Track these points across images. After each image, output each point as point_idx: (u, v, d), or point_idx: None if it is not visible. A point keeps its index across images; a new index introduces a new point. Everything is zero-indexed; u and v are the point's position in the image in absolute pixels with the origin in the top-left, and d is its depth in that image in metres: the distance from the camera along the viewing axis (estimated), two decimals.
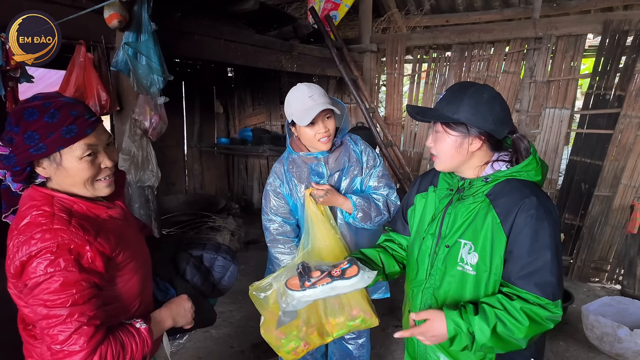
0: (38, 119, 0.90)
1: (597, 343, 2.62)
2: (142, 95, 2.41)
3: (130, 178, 2.47)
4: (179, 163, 5.73)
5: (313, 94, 1.57)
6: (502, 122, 1.08)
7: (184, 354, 2.69)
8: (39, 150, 0.91)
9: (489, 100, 1.07)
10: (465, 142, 1.08)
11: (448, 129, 1.09)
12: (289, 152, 1.74)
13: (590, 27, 3.71)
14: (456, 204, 1.14)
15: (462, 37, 4.25)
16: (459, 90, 1.09)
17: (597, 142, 3.71)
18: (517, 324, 1.00)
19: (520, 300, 1.01)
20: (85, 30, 2.26)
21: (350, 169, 1.69)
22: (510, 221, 1.04)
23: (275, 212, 1.72)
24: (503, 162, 1.12)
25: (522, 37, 4.00)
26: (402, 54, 4.58)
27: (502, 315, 1.01)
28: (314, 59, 4.00)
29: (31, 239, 0.88)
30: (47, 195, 0.96)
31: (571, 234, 3.86)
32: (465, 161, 1.12)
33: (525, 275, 1.02)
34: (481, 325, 1.01)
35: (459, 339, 1.02)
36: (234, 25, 3.34)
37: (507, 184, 1.08)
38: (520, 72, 4.07)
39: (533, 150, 1.11)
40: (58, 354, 0.88)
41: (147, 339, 1.00)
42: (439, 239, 1.17)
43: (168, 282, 1.20)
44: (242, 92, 5.97)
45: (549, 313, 1.01)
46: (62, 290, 0.87)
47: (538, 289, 1.01)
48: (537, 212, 1.02)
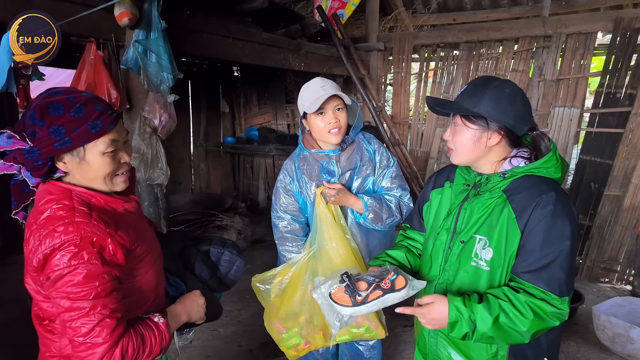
0: (64, 114, 0.91)
1: (608, 344, 2.60)
2: (151, 93, 2.42)
3: (139, 176, 2.48)
4: (186, 162, 5.75)
5: (325, 84, 1.57)
6: (522, 118, 1.07)
7: (193, 352, 2.69)
8: (64, 145, 0.92)
9: (510, 95, 1.05)
10: (484, 136, 1.07)
11: (467, 122, 1.08)
12: (300, 149, 1.73)
13: (600, 25, 3.68)
14: (472, 199, 1.13)
15: (470, 36, 4.23)
16: (481, 84, 1.08)
17: (607, 141, 3.67)
18: (521, 316, 0.99)
19: (526, 294, 1.01)
20: (96, 28, 2.26)
21: (363, 168, 1.67)
22: (526, 217, 1.03)
23: (285, 209, 1.71)
24: (521, 159, 1.10)
25: (531, 36, 3.97)
26: (409, 52, 4.56)
27: (506, 306, 1.00)
28: (321, 58, 4.00)
29: (54, 232, 0.88)
30: (65, 189, 0.96)
31: (580, 233, 3.82)
32: (482, 156, 1.10)
33: (533, 270, 1.01)
34: (483, 314, 1.00)
35: (459, 326, 1.01)
36: (242, 23, 3.34)
37: (525, 180, 1.07)
38: (529, 71, 4.04)
39: (553, 147, 1.10)
40: (81, 346, 0.89)
41: (165, 333, 1.01)
42: (454, 234, 1.16)
43: (178, 277, 1.21)
44: (248, 91, 5.97)
45: (554, 309, 1.00)
46: (85, 282, 0.88)
47: (544, 283, 1.00)
48: (554, 208, 1.01)
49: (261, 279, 1.57)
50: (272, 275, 1.62)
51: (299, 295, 1.58)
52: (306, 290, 1.57)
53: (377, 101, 4.37)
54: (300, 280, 1.60)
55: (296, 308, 1.57)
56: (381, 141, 3.92)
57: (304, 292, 1.58)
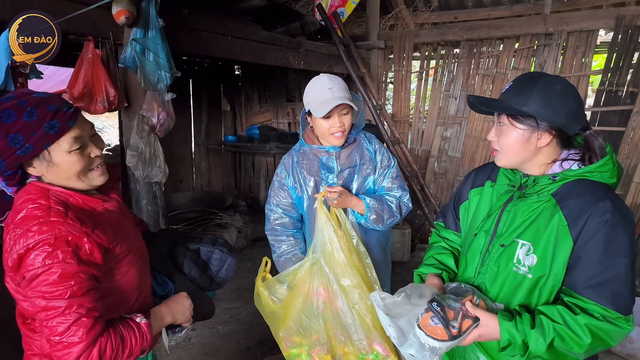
0: (17, 120, 0.88)
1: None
2: (149, 91, 2.42)
3: (137, 174, 2.48)
4: (187, 160, 5.76)
5: (333, 86, 1.54)
6: (575, 116, 0.99)
7: (191, 350, 2.70)
8: (26, 152, 0.90)
9: (562, 92, 0.98)
10: (533, 136, 1.00)
11: (515, 121, 1.01)
12: (300, 144, 1.72)
13: (602, 23, 3.65)
14: (517, 201, 1.06)
15: (471, 34, 4.21)
16: (528, 81, 1.01)
17: (609, 140, 3.62)
18: (578, 339, 0.92)
19: (585, 315, 0.93)
20: (94, 27, 2.27)
21: (363, 167, 1.65)
22: (579, 225, 0.95)
23: (277, 203, 1.73)
24: (573, 161, 1.02)
25: (532, 33, 3.94)
26: (410, 50, 4.54)
27: (562, 330, 0.93)
28: (321, 56, 3.99)
29: (28, 232, 0.87)
30: (42, 188, 0.96)
31: None
32: (531, 157, 1.03)
33: (594, 284, 0.93)
34: (537, 339, 0.94)
35: (511, 349, 0.97)
36: (241, 21, 3.34)
37: (578, 184, 0.99)
38: (530, 69, 4.02)
39: (610, 150, 1.02)
40: (57, 346, 0.88)
41: (146, 334, 1.00)
42: (494, 237, 1.09)
43: (166, 276, 1.21)
44: (249, 90, 5.98)
45: (618, 329, 0.92)
46: (61, 282, 0.87)
47: (608, 301, 0.92)
48: (613, 217, 0.93)
49: (267, 285, 1.51)
50: (279, 281, 1.55)
51: (306, 307, 1.49)
52: (312, 303, 1.48)
53: (377, 100, 4.36)
54: (305, 290, 1.51)
55: (304, 321, 1.49)
56: (381, 140, 3.92)
57: (311, 305, 1.49)
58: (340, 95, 1.52)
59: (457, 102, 4.37)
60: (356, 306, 1.42)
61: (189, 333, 2.89)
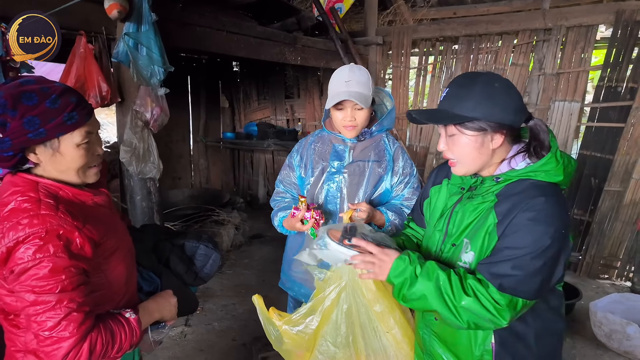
0: (38, 104, 0.88)
1: (605, 340, 2.57)
2: (143, 86, 2.41)
3: (131, 170, 2.47)
4: (185, 157, 5.75)
5: (351, 79, 1.51)
6: (520, 110, 0.97)
7: (186, 346, 2.69)
8: (38, 136, 0.90)
9: (503, 89, 0.96)
10: (486, 140, 0.98)
11: (464, 129, 0.98)
12: (320, 130, 1.75)
13: (601, 18, 3.61)
14: (465, 202, 1.08)
15: (470, 29, 4.18)
16: (466, 84, 0.98)
17: (608, 136, 3.62)
18: (461, 289, 0.96)
19: (476, 281, 0.97)
20: (86, 21, 2.25)
21: (375, 164, 1.60)
22: (506, 223, 0.96)
23: (281, 180, 1.77)
24: (521, 155, 1.01)
25: (531, 29, 3.91)
26: (409, 46, 4.52)
27: (453, 276, 0.98)
28: (318, 52, 3.96)
29: (18, 225, 0.86)
30: (31, 181, 0.94)
31: (580, 230, 3.78)
32: (488, 161, 1.02)
33: (485, 263, 0.97)
34: (430, 268, 1.00)
35: (402, 270, 1.01)
36: (236, 16, 3.32)
37: (519, 184, 0.99)
38: (528, 65, 3.99)
39: (554, 144, 1.00)
40: (46, 341, 0.87)
41: (136, 329, 1.00)
42: (446, 236, 1.11)
43: (152, 272, 1.20)
44: (247, 87, 5.96)
45: (490, 299, 0.94)
46: (51, 276, 0.86)
47: (490, 275, 0.95)
48: (537, 214, 0.92)
49: (291, 322, 1.33)
50: (302, 316, 1.36)
51: (334, 335, 1.34)
52: (341, 330, 1.34)
53: None
54: (332, 319, 1.35)
55: (332, 350, 1.34)
56: None
57: (339, 332, 1.34)
58: (352, 91, 1.49)
59: None
60: (392, 331, 1.33)
61: (185, 329, 2.89)
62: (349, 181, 1.60)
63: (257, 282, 3.55)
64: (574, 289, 2.98)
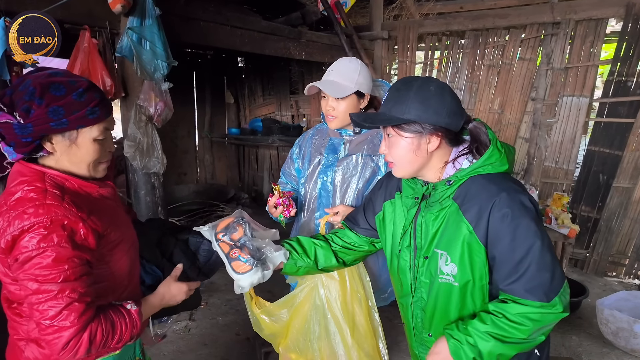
0: (65, 95, 0.92)
1: (611, 338, 2.54)
2: (147, 81, 2.41)
3: (135, 165, 2.48)
4: (190, 153, 5.77)
5: (333, 69, 1.52)
6: (455, 112, 1.00)
7: (190, 340, 2.71)
8: (60, 125, 0.92)
9: (437, 93, 0.99)
10: (422, 142, 1.01)
11: (401, 131, 1.01)
12: (321, 124, 1.75)
13: (611, 11, 3.55)
14: (424, 212, 1.07)
15: (476, 23, 4.12)
16: (402, 88, 1.01)
17: (617, 132, 3.56)
18: (518, 326, 0.95)
19: (516, 304, 0.97)
20: (90, 16, 2.26)
21: (367, 159, 1.58)
22: (483, 226, 0.97)
23: (283, 170, 1.81)
24: (464, 156, 1.03)
25: (539, 23, 3.85)
26: (414, 41, 4.47)
27: (500, 321, 0.96)
28: (323, 47, 3.94)
29: (24, 214, 0.87)
30: (37, 171, 0.96)
31: (588, 226, 3.73)
32: (425, 163, 1.04)
33: (513, 281, 0.97)
34: (478, 332, 0.97)
35: (462, 352, 0.98)
36: (240, 11, 3.31)
37: (472, 183, 1.00)
38: (536, 59, 3.93)
39: (493, 137, 1.03)
40: (47, 329, 0.88)
41: (136, 321, 1.01)
42: (416, 251, 1.10)
43: (155, 266, 1.20)
44: (252, 82, 5.95)
45: (548, 312, 0.96)
46: (55, 265, 0.87)
47: (530, 294, 0.95)
48: (512, 210, 0.95)
49: (267, 312, 1.49)
50: (279, 307, 1.53)
51: (303, 331, 1.50)
52: (310, 327, 1.49)
53: None
54: (303, 314, 1.51)
55: (301, 343, 1.51)
56: None
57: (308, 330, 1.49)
58: (326, 80, 1.50)
59: (461, 93, 4.30)
60: (346, 338, 1.44)
61: (189, 323, 2.91)
62: (342, 175, 1.59)
63: None
64: (581, 286, 2.95)
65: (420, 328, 1.17)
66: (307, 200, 1.67)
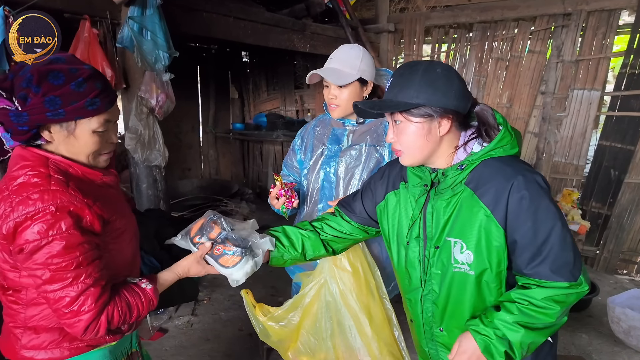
0: (64, 84, 0.88)
1: (623, 337, 2.47)
2: (148, 72, 2.37)
3: (137, 157, 2.45)
4: (195, 148, 5.75)
5: (334, 56, 1.48)
6: (463, 95, 0.98)
7: (193, 335, 2.68)
8: (56, 116, 0.89)
9: (444, 75, 0.96)
10: (433, 126, 0.97)
11: (410, 116, 0.97)
12: (324, 115, 1.72)
13: (624, 2, 3.45)
14: (434, 200, 1.03)
15: (485, 15, 4.04)
16: (407, 73, 0.98)
17: (629, 126, 3.47)
18: (546, 310, 0.94)
19: (542, 288, 0.94)
20: (90, 5, 2.23)
21: (371, 149, 1.55)
22: (502, 209, 0.94)
23: (285, 162, 1.77)
24: (473, 140, 1.01)
25: (549, 14, 3.76)
26: (421, 34, 4.40)
27: (527, 308, 0.94)
28: (328, 39, 3.88)
29: (28, 199, 0.85)
30: (41, 156, 0.93)
31: (598, 223, 3.65)
32: (435, 149, 1.01)
33: (538, 264, 0.94)
34: (505, 323, 0.95)
35: (493, 347, 0.95)
36: (243, 2, 3.26)
37: (485, 166, 0.98)
38: (546, 52, 3.84)
39: (503, 120, 1.01)
40: (66, 315, 0.89)
41: (152, 299, 1.01)
42: (426, 242, 1.06)
43: (152, 257, 1.17)
44: (256, 77, 5.91)
45: (575, 291, 0.95)
46: (66, 253, 0.86)
47: (556, 274, 0.93)
48: (529, 191, 0.93)
49: (274, 318, 1.43)
50: (287, 311, 1.47)
51: (314, 329, 1.45)
52: (321, 325, 1.44)
53: None
54: (313, 312, 1.46)
55: (312, 343, 1.45)
56: None
57: (320, 327, 1.44)
58: (327, 67, 1.46)
59: (469, 87, 4.22)
60: (365, 330, 1.38)
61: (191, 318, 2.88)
62: (345, 165, 1.55)
63: (265, 272, 3.49)
64: (591, 284, 2.88)
65: (430, 323, 1.12)
66: (309, 191, 1.63)
